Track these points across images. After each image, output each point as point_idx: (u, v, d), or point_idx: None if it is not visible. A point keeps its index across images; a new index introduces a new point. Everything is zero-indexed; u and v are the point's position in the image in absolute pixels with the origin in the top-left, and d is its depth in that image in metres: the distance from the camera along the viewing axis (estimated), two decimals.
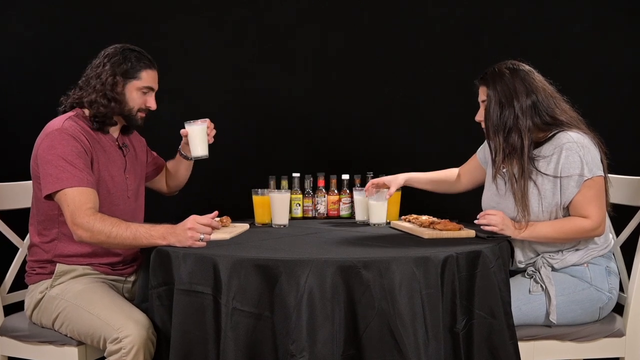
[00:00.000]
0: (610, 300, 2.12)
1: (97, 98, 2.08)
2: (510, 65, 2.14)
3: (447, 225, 2.14)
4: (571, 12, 2.98)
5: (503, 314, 1.89)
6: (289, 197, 2.42)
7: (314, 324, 1.69)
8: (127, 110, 2.13)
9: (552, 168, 2.08)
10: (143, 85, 2.13)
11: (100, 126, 2.12)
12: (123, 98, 2.11)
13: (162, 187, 2.48)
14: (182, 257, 1.82)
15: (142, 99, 2.14)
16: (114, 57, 2.11)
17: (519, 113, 2.06)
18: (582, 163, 2.04)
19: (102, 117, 2.10)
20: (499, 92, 2.09)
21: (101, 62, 2.11)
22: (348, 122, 3.09)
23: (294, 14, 3.07)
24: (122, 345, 1.85)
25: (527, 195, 2.09)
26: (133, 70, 2.11)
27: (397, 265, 1.73)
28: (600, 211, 2.06)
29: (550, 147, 2.10)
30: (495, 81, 2.11)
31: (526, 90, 2.08)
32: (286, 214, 2.40)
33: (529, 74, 2.12)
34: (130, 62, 2.10)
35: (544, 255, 2.14)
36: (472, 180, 2.44)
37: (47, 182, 1.97)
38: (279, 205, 2.38)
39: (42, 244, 2.10)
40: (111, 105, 2.09)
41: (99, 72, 2.10)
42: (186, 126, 2.26)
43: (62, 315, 2.01)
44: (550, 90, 2.13)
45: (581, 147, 2.05)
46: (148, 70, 2.14)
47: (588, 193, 2.05)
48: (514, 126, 2.08)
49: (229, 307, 1.73)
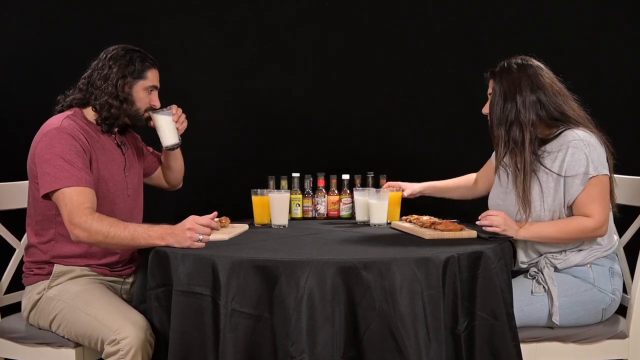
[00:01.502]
0: (614, 301, 2.11)
1: (109, 100, 2.09)
2: (519, 61, 2.16)
3: (449, 225, 2.13)
4: (571, 12, 2.98)
5: (505, 316, 1.88)
6: (288, 197, 2.40)
7: (314, 325, 1.68)
8: (134, 111, 2.15)
9: (557, 165, 2.08)
10: (149, 84, 2.16)
11: (110, 128, 2.14)
12: (132, 98, 2.13)
13: (162, 183, 2.48)
14: (181, 257, 1.82)
15: (147, 98, 2.17)
16: (120, 58, 2.12)
17: (521, 107, 2.08)
18: (588, 161, 2.04)
19: (113, 118, 2.11)
20: (504, 85, 2.12)
21: (105, 64, 2.12)
22: (348, 122, 3.10)
23: (294, 14, 3.07)
24: (120, 347, 1.84)
25: (529, 191, 2.08)
26: (140, 71, 2.14)
27: (398, 266, 1.72)
28: (604, 211, 2.05)
29: (557, 144, 2.10)
30: (502, 75, 2.13)
31: (531, 86, 2.09)
32: (286, 215, 2.39)
33: (537, 70, 2.13)
34: (136, 62, 2.13)
35: (546, 255, 2.13)
36: (489, 183, 2.43)
37: (45, 181, 1.96)
38: (278, 206, 2.37)
39: (39, 244, 2.09)
40: (123, 107, 2.12)
41: (106, 74, 2.10)
42: (151, 115, 2.21)
43: (60, 316, 2.00)
44: (558, 88, 2.13)
45: (587, 145, 2.05)
46: (153, 69, 2.17)
47: (592, 191, 2.04)
48: (515, 120, 2.09)
49: (228, 309, 1.72)
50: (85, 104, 2.12)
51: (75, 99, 2.12)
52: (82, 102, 2.12)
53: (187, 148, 2.49)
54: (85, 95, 2.11)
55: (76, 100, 2.12)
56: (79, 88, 2.14)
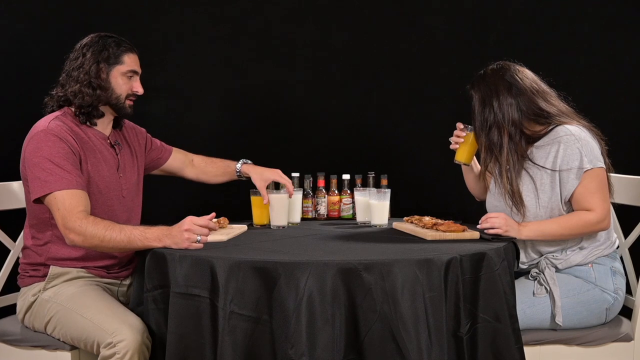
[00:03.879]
0: (617, 301, 2.11)
1: (81, 88, 2.05)
2: (495, 66, 2.19)
3: (451, 226, 2.12)
4: (577, 11, 2.97)
5: (508, 318, 1.87)
6: (287, 198, 2.37)
7: (313, 328, 1.67)
8: (114, 99, 2.10)
9: (550, 161, 2.09)
10: (127, 69, 2.10)
11: (88, 118, 2.08)
12: (109, 85, 2.08)
13: (183, 173, 2.46)
14: (179, 259, 1.81)
15: (128, 84, 2.12)
16: (92, 45, 2.08)
17: (498, 110, 2.11)
18: (582, 155, 2.04)
19: (88, 107, 2.07)
20: (482, 92, 2.15)
21: (80, 54, 2.08)
22: (349, 121, 3.09)
23: (295, 13, 3.06)
24: (116, 350, 1.83)
25: (518, 190, 2.09)
26: (115, 56, 2.08)
27: (400, 268, 1.71)
28: (604, 203, 2.06)
29: (548, 140, 2.11)
30: (479, 82, 2.17)
31: (508, 88, 2.11)
32: (285, 215, 2.36)
33: (514, 71, 2.15)
34: (110, 47, 2.08)
35: (547, 256, 2.13)
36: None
37: (35, 186, 1.94)
38: (278, 206, 2.35)
39: (35, 246, 2.08)
40: (97, 93, 2.06)
41: (80, 62, 2.07)
42: (270, 196, 2.33)
43: (55, 319, 1.98)
44: (537, 86, 2.14)
45: (578, 139, 2.06)
46: (129, 54, 2.11)
47: (589, 185, 2.05)
48: (494, 123, 2.12)
49: (227, 311, 1.71)
50: (69, 101, 2.08)
51: (60, 97, 2.09)
52: (66, 98, 2.08)
53: (184, 147, 2.48)
54: (66, 90, 2.08)
55: (62, 98, 2.08)
56: (61, 84, 2.10)
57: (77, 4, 2.95)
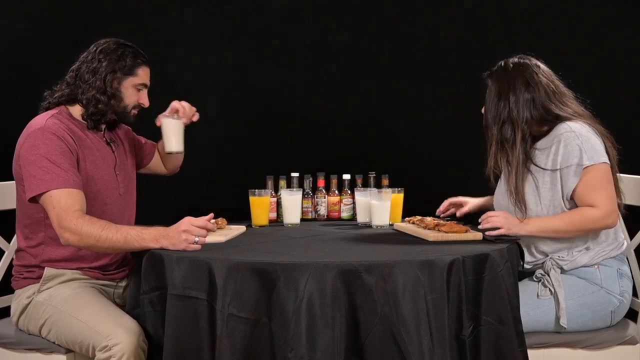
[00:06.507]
0: (622, 304, 2.09)
1: (96, 95, 2.06)
2: (516, 60, 2.19)
3: (453, 227, 2.11)
4: (577, 11, 2.96)
5: (511, 320, 1.85)
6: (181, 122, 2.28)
7: (313, 330, 1.66)
8: (122, 107, 2.12)
9: (550, 161, 2.08)
10: (139, 82, 2.13)
11: (96, 124, 2.10)
12: (120, 94, 2.10)
13: (160, 170, 2.45)
14: (176, 260, 1.80)
15: (136, 95, 2.14)
16: (110, 53, 2.09)
17: (513, 105, 2.11)
18: (581, 151, 2.04)
19: (100, 114, 2.08)
20: (499, 84, 2.15)
21: (95, 58, 2.08)
22: (349, 121, 3.09)
23: (295, 13, 3.06)
24: (112, 354, 1.82)
25: (522, 189, 2.09)
26: (130, 67, 2.10)
27: (401, 269, 1.70)
28: (608, 199, 2.04)
29: (549, 138, 2.11)
30: (498, 74, 2.17)
31: (526, 85, 2.12)
32: (181, 142, 2.28)
33: (534, 68, 2.15)
34: (127, 58, 2.10)
35: (552, 256, 2.11)
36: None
37: (30, 184, 1.93)
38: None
39: (28, 248, 2.06)
40: (111, 103, 2.08)
41: (95, 67, 2.07)
42: (162, 120, 2.22)
43: (50, 321, 1.97)
44: (554, 86, 2.14)
45: (579, 135, 2.05)
46: (144, 67, 2.14)
47: (590, 181, 2.04)
48: (507, 118, 2.12)
49: (225, 313, 1.70)
50: (72, 100, 2.09)
51: (64, 95, 2.08)
52: (70, 97, 2.08)
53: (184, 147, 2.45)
54: (73, 90, 2.08)
55: (64, 97, 2.08)
56: (67, 82, 2.10)
57: (77, 4, 2.96)
